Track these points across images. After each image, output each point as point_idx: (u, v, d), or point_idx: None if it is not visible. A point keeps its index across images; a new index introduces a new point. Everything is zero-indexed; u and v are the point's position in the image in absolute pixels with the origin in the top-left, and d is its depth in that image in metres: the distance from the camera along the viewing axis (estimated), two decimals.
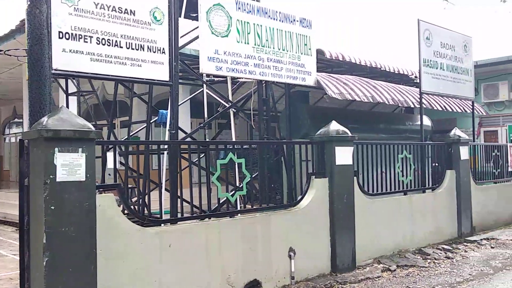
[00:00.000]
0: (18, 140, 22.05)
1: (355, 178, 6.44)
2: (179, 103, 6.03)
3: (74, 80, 7.89)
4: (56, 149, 3.76)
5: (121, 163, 6.17)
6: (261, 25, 6.14)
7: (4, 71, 14.27)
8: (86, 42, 4.62)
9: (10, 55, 7.70)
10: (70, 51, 4.52)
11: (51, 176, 3.73)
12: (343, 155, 6.18)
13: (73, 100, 8.34)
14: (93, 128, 3.98)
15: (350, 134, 6.24)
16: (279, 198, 6.23)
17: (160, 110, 7.35)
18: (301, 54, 6.64)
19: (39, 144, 3.82)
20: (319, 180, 6.08)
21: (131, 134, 7.29)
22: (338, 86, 7.82)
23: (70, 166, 3.82)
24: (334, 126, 6.19)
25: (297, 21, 6.61)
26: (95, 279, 3.94)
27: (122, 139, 7.59)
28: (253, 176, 5.60)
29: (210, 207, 5.46)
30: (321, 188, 6.08)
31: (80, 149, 3.88)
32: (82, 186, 3.90)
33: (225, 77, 7.20)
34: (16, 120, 22.35)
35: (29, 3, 4.01)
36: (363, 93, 8.14)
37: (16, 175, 21.79)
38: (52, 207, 3.74)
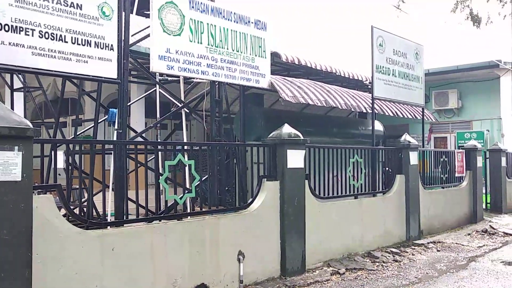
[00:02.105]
0: None
1: (306, 181, 6.46)
2: (132, 102, 5.87)
3: (20, 76, 7.54)
4: None
5: (68, 162, 5.95)
6: (215, 25, 6.06)
7: None
8: (28, 35, 4.40)
9: None
10: (9, 44, 4.29)
11: None
12: (295, 158, 6.18)
13: (19, 96, 7.98)
14: (31, 126, 3.78)
15: (302, 138, 6.25)
16: (231, 201, 6.16)
17: (110, 109, 7.14)
18: (256, 56, 6.61)
19: None
20: (270, 183, 6.05)
21: (80, 132, 7.03)
22: (292, 89, 7.85)
23: (4, 165, 3.61)
24: (287, 129, 6.18)
25: (252, 22, 6.57)
26: (29, 284, 3.74)
27: (71, 138, 7.31)
28: (203, 178, 5.51)
29: (158, 209, 5.33)
30: (272, 191, 6.05)
31: (16, 147, 3.67)
32: (18, 187, 3.69)
33: (178, 76, 7.08)
34: None
35: None
36: (317, 97, 8.20)
37: None
38: None
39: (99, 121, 6.38)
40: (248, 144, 6.33)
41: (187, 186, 5.82)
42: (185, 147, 5.94)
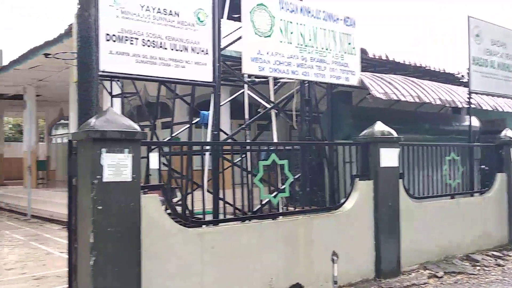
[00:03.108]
0: (63, 140, 22.82)
1: (400, 180, 6.25)
2: (222, 104, 6.03)
3: (118, 82, 8.05)
4: (103, 149, 3.80)
5: (164, 164, 6.24)
6: (304, 25, 6.06)
7: (52, 74, 14.78)
8: (132, 44, 4.68)
9: (59, 58, 7.91)
10: (116, 53, 4.59)
11: (98, 177, 3.78)
12: (388, 157, 6.00)
13: (117, 101, 8.52)
14: (139, 129, 4.01)
15: (395, 135, 6.06)
16: (321, 201, 6.11)
17: (201, 111, 7.39)
18: (345, 53, 6.51)
19: (86, 144, 3.88)
20: (363, 183, 5.93)
21: (175, 134, 7.35)
22: (383, 85, 7.63)
23: (116, 166, 3.86)
24: (379, 126, 6.02)
25: (341, 20, 6.49)
26: (139, 278, 3.97)
27: (164, 140, 7.67)
28: (295, 177, 5.52)
29: (251, 208, 5.42)
30: (365, 190, 5.92)
31: (126, 150, 3.91)
32: (128, 187, 3.93)
33: (267, 77, 7.16)
34: (62, 121, 23.10)
35: (79, 6, 4.09)
36: (408, 93, 7.90)
37: (62, 174, 22.54)
38: (99, 207, 3.79)
39: (182, 122, 6.59)
40: (340, 143, 6.25)
41: (279, 186, 5.87)
42: (276, 147, 5.99)
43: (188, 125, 7.51)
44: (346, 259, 5.63)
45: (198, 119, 7.33)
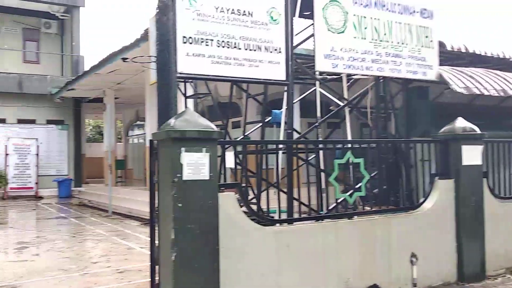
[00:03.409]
0: (139, 141, 23.80)
1: (484, 179, 5.89)
2: (294, 102, 6.01)
3: (191, 83, 8.26)
4: (183, 149, 3.92)
5: (237, 162, 6.33)
6: (378, 19, 5.89)
7: (128, 77, 15.49)
8: (208, 45, 4.78)
9: (136, 62, 8.27)
10: (193, 54, 4.71)
11: (178, 175, 3.90)
12: (471, 155, 5.68)
13: (189, 102, 8.77)
14: (215, 129, 4.09)
15: (479, 132, 5.73)
16: (397, 200, 5.91)
17: (273, 110, 7.41)
18: (422, 46, 6.26)
19: (167, 144, 4.01)
20: (443, 182, 5.65)
21: (247, 133, 7.43)
22: (463, 79, 7.23)
23: (195, 165, 3.96)
24: (461, 123, 5.72)
25: (417, 12, 6.24)
26: (218, 275, 4.05)
27: (237, 139, 7.79)
28: (369, 177, 5.37)
29: (326, 207, 5.36)
30: (446, 190, 5.65)
31: (204, 149, 4.01)
32: (206, 185, 4.02)
33: (339, 74, 7.04)
34: (138, 122, 24.19)
35: (157, 11, 4.24)
36: (492, 87, 7.44)
37: (138, 173, 23.59)
38: (179, 205, 3.90)
39: (254, 121, 6.63)
40: (418, 140, 5.99)
41: (353, 184, 5.75)
42: (352, 145, 5.87)
43: (259, 124, 7.57)
44: (426, 261, 5.41)
45: (269, 118, 7.36)
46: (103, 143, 25.93)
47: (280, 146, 5.33)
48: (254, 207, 5.52)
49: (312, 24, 7.26)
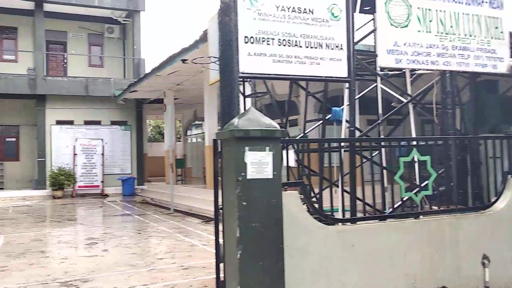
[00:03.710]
0: (198, 140, 24.31)
1: None
2: (356, 98, 5.90)
3: (250, 82, 8.32)
4: (246, 148, 3.95)
5: (296, 161, 6.31)
6: (444, 11, 5.66)
7: (187, 78, 15.87)
8: (269, 44, 4.79)
9: (196, 63, 8.43)
10: (254, 54, 4.73)
11: (242, 174, 3.93)
12: None
13: (248, 101, 8.83)
14: (278, 128, 4.09)
15: None
16: (465, 199, 5.66)
17: (333, 108, 7.32)
18: (491, 38, 5.94)
19: (231, 143, 4.06)
20: None
21: (307, 131, 7.39)
22: None
23: (258, 164, 3.98)
24: None
25: (486, 2, 5.93)
26: (283, 273, 4.05)
27: (296, 138, 7.77)
28: (435, 175, 5.18)
29: (391, 206, 5.22)
30: None
31: (267, 148, 4.02)
32: (270, 184, 4.03)
33: (401, 70, 6.83)
34: (196, 122, 24.72)
35: (220, 12, 4.30)
36: None
37: (197, 172, 24.12)
38: (244, 203, 3.94)
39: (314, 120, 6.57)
40: (488, 136, 5.71)
41: (418, 183, 5.57)
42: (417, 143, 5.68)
43: (318, 122, 7.50)
44: (499, 264, 5.14)
45: (329, 116, 7.27)
46: (163, 143, 26.74)
47: (340, 144, 5.24)
48: (315, 206, 5.48)
49: (373, 19, 7.11)
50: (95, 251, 7.30)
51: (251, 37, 4.71)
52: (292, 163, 5.48)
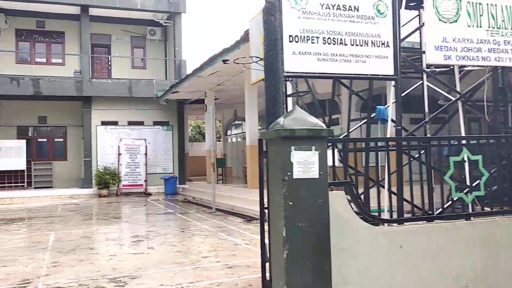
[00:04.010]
0: (238, 140, 24.46)
1: None
2: (405, 93, 5.77)
3: (291, 82, 8.29)
4: (292, 147, 3.93)
5: (340, 160, 6.23)
6: (495, 5, 5.45)
7: (228, 79, 15.99)
8: (313, 43, 4.76)
9: (238, 63, 8.48)
10: (299, 53, 4.72)
11: (288, 173, 3.92)
12: None
13: (289, 100, 8.79)
14: (324, 127, 4.05)
15: None
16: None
17: (377, 106, 7.19)
18: None
19: (276, 143, 4.05)
20: None
21: (351, 130, 7.29)
22: None
23: (304, 163, 3.96)
24: None
25: None
26: (329, 274, 4.01)
27: (340, 137, 7.68)
28: (490, 173, 4.99)
29: (440, 207, 5.06)
30: None
31: (313, 147, 3.99)
32: (316, 183, 4.00)
33: (449, 67, 6.63)
34: (236, 122, 24.88)
35: (265, 11, 4.30)
36: None
37: (236, 171, 24.28)
38: (290, 203, 3.92)
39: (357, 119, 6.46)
40: None
41: (468, 183, 5.38)
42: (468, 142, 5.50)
43: (362, 121, 7.38)
44: None
45: (373, 114, 7.15)
46: (204, 143, 27.07)
47: (388, 143, 5.13)
48: (362, 206, 5.39)
49: (418, 15, 6.95)
50: (141, 249, 7.47)
51: (296, 36, 4.69)
52: (337, 162, 5.41)
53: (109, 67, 22.91)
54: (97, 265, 6.37)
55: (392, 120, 6.65)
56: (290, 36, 4.68)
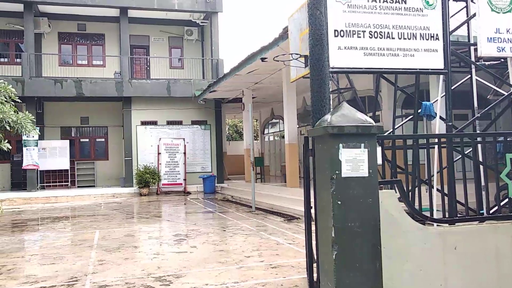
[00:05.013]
0: (275, 138, 24.39)
1: None
2: (455, 86, 5.53)
3: (333, 78, 8.13)
4: (341, 145, 3.82)
5: (386, 159, 6.05)
6: None
7: (266, 77, 15.92)
8: (359, 37, 4.63)
9: (278, 61, 8.40)
10: (344, 48, 4.60)
11: (337, 172, 3.81)
12: None
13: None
14: (374, 123, 3.92)
15: None
16: None
17: (423, 102, 6.94)
18: None
19: (324, 140, 3.95)
20: None
21: (396, 127, 7.08)
22: None
23: (353, 161, 3.84)
24: None
25: None
26: (380, 276, 3.88)
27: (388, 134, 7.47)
28: None
29: (492, 206, 4.84)
30: None
31: (362, 145, 3.86)
32: (365, 182, 3.87)
33: (501, 59, 6.33)
34: (273, 120, 24.80)
35: (310, 6, 4.20)
36: None
37: (274, 170, 24.20)
38: (339, 202, 3.81)
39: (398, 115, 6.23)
40: None
41: None
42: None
43: (408, 118, 7.16)
44: None
45: (419, 110, 6.91)
46: (241, 142, 27.14)
47: (439, 140, 4.93)
48: (414, 205, 5.21)
49: (465, 6, 6.66)
50: (184, 247, 7.50)
51: (341, 30, 4.57)
52: (380, 160, 5.24)
53: (148, 68, 23.28)
54: (142, 264, 6.43)
55: (441, 117, 6.42)
56: (335, 30, 4.56)
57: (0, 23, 20.69)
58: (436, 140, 5.15)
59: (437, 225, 4.88)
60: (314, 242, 4.51)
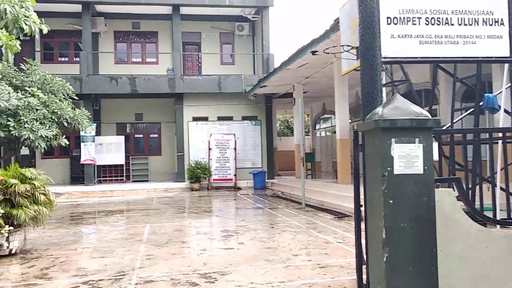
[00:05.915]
0: (327, 134, 23.94)
1: None
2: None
3: (386, 70, 7.75)
4: (393, 140, 3.56)
5: (443, 155, 5.66)
6: None
7: (317, 71, 15.60)
8: (414, 24, 4.31)
9: (328, 53, 8.13)
10: (398, 36, 4.30)
11: (388, 169, 3.56)
12: None
13: (383, 91, 8.25)
14: (430, 116, 3.62)
15: None
16: None
17: (485, 94, 6.46)
18: None
19: (374, 135, 3.70)
20: None
21: (455, 121, 6.64)
22: None
23: (407, 158, 3.57)
24: None
25: None
26: (436, 280, 3.59)
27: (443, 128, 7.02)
28: None
29: None
30: None
31: (417, 140, 3.59)
32: (420, 179, 3.59)
33: None
34: (325, 115, 24.37)
35: None
36: None
37: (327, 166, 23.80)
38: (391, 201, 3.56)
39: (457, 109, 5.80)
40: None
41: None
42: None
43: (468, 111, 6.70)
44: None
45: (481, 103, 6.43)
46: (292, 137, 26.87)
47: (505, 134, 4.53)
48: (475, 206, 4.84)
49: None
50: (231, 244, 7.43)
51: (394, 17, 4.28)
52: (435, 156, 4.89)
53: (199, 64, 23.51)
54: (188, 260, 6.40)
55: (505, 110, 5.94)
56: (388, 18, 4.27)
57: (60, 23, 21.52)
58: (500, 134, 4.75)
59: (501, 227, 4.51)
60: (364, 242, 4.26)
